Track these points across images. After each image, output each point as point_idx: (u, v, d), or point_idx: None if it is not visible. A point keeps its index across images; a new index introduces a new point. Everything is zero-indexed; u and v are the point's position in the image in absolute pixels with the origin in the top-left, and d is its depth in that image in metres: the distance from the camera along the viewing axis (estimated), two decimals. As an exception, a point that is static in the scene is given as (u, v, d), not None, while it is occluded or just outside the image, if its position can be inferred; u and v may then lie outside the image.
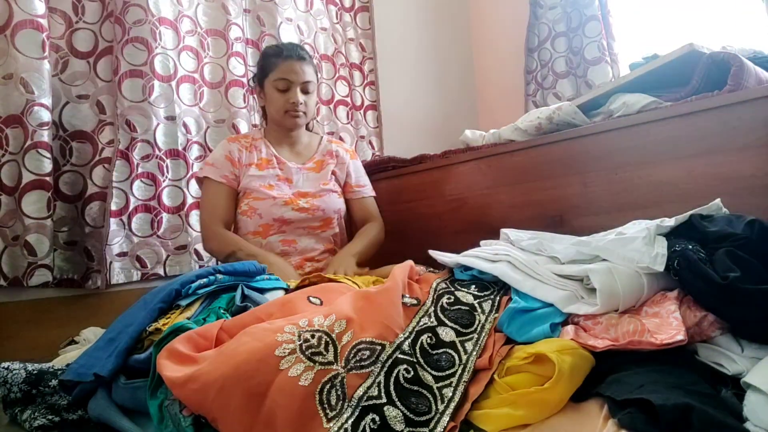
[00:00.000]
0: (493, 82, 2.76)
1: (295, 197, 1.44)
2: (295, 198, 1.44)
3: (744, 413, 0.56)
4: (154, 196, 1.65)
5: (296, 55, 1.43)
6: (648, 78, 1.28)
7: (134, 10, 1.60)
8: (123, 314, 0.95)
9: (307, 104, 1.46)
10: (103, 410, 0.79)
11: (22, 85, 1.38)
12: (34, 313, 1.45)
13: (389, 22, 2.46)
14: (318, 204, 1.46)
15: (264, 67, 1.46)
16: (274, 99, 1.44)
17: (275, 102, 1.44)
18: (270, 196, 1.41)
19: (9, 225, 1.39)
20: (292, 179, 1.48)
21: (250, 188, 1.42)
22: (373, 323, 0.74)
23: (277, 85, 1.42)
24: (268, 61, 1.45)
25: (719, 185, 1.06)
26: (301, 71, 1.42)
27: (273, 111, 1.46)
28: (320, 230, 1.47)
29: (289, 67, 1.41)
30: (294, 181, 1.48)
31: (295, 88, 1.42)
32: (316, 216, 1.46)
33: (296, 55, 1.43)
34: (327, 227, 1.49)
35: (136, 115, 1.61)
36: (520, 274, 0.85)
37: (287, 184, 1.46)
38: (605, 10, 2.25)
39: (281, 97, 1.43)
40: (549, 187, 1.35)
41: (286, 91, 1.42)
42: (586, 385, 0.65)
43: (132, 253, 1.61)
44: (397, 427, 0.60)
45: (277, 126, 1.50)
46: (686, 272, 0.71)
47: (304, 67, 1.43)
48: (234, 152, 1.46)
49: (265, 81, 1.46)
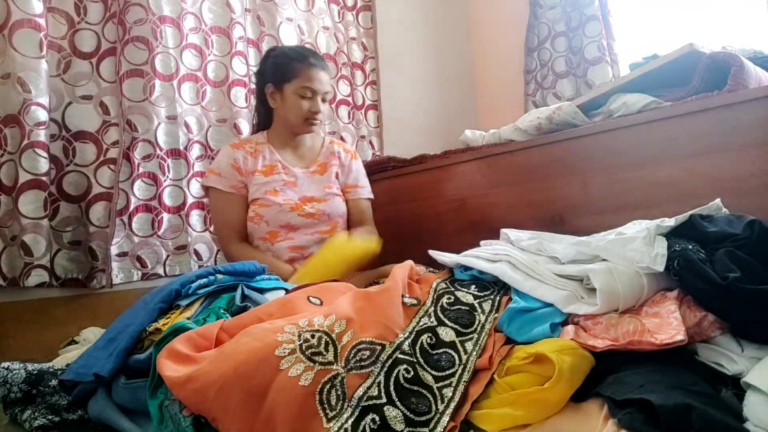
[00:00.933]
0: (493, 82, 2.76)
1: (301, 202, 1.44)
2: (300, 203, 1.44)
3: (744, 413, 0.56)
4: (155, 196, 1.65)
5: (321, 64, 1.45)
6: (648, 78, 1.28)
7: (135, 9, 1.60)
8: (123, 314, 0.95)
9: (324, 113, 1.48)
10: (103, 410, 0.79)
11: (19, 84, 1.38)
12: (34, 313, 1.45)
13: (391, 22, 2.46)
14: (323, 208, 1.46)
15: (286, 72, 1.43)
16: (294, 105, 1.43)
17: (296, 108, 1.43)
18: (276, 203, 1.41)
19: (7, 225, 1.39)
20: (297, 183, 1.48)
21: (257, 195, 1.42)
22: (373, 323, 0.74)
23: (302, 93, 1.42)
24: (291, 65, 1.43)
25: (719, 185, 1.06)
26: (326, 81, 1.44)
27: (292, 117, 1.45)
28: (327, 234, 1.47)
29: (316, 75, 1.42)
30: (299, 185, 1.48)
31: (317, 97, 1.44)
32: (322, 220, 1.46)
33: (321, 64, 1.45)
34: (333, 231, 1.49)
35: (137, 114, 1.61)
36: (520, 274, 0.85)
37: (293, 189, 1.46)
38: (605, 10, 2.25)
39: (303, 105, 1.42)
40: (549, 187, 1.35)
41: (308, 99, 1.43)
42: (586, 385, 0.65)
43: (132, 253, 1.61)
44: (397, 427, 0.60)
45: (289, 130, 1.49)
46: (686, 272, 0.71)
47: (327, 77, 1.46)
48: (239, 160, 1.44)
49: (285, 85, 1.43)
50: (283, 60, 1.46)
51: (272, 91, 1.47)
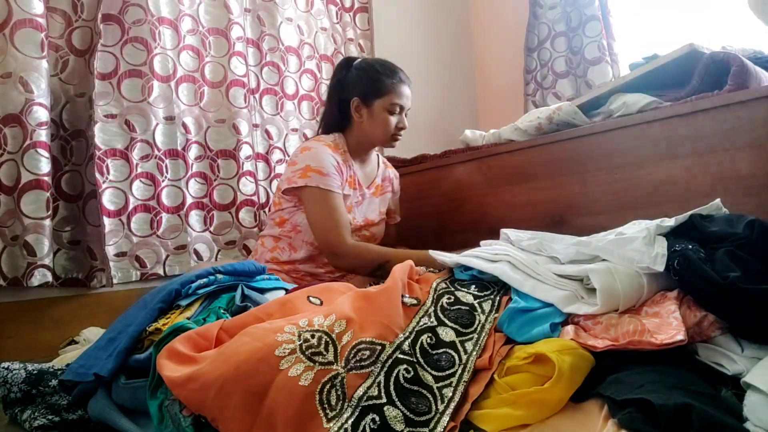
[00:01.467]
0: (493, 82, 2.76)
1: (363, 224, 1.48)
2: (363, 225, 1.48)
3: (744, 413, 0.56)
4: (154, 196, 1.65)
5: (408, 80, 1.46)
6: (648, 78, 1.28)
7: (133, 9, 1.60)
8: (123, 314, 0.95)
9: None
10: (103, 410, 0.79)
11: (21, 84, 1.38)
12: (34, 313, 1.45)
13: (388, 23, 2.46)
14: (375, 231, 1.51)
15: (377, 87, 1.42)
16: (383, 121, 1.42)
17: (384, 124, 1.43)
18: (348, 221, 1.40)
19: (8, 225, 1.39)
20: (363, 204, 1.50)
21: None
22: (373, 323, 0.74)
23: (392, 109, 1.42)
24: (381, 81, 1.42)
25: (719, 185, 1.06)
26: (410, 97, 1.47)
27: (379, 132, 1.44)
28: None
29: (405, 92, 1.44)
30: (363, 205, 1.50)
31: (403, 114, 1.46)
32: (370, 241, 1.49)
33: (408, 80, 1.46)
34: None
35: (135, 115, 1.61)
36: (520, 274, 0.85)
37: (359, 208, 1.48)
38: (605, 10, 2.25)
39: (391, 121, 1.43)
40: (549, 187, 1.35)
41: (397, 115, 1.44)
42: (586, 385, 0.65)
43: (131, 253, 1.60)
44: (397, 427, 0.60)
45: (369, 144, 1.49)
46: (686, 272, 0.71)
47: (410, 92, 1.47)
48: (340, 164, 1.42)
49: (376, 101, 1.42)
50: (372, 74, 1.44)
51: (358, 105, 1.44)
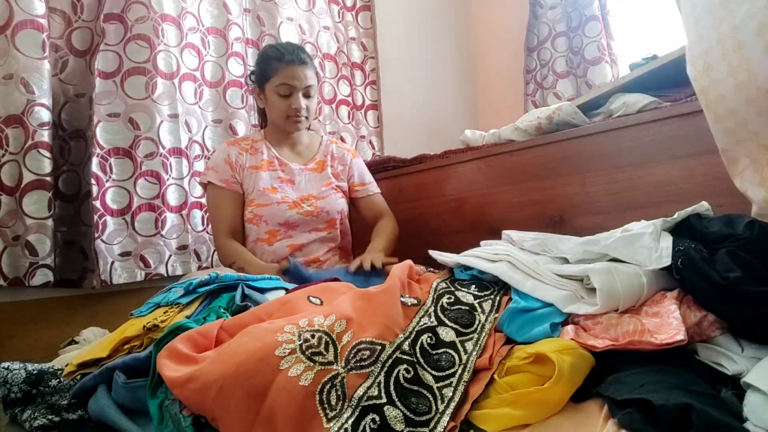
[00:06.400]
0: (493, 82, 2.76)
1: (300, 200, 1.45)
2: (299, 201, 1.44)
3: (744, 413, 0.56)
4: (158, 195, 1.64)
5: (298, 59, 1.41)
6: (648, 78, 1.27)
7: (136, 7, 1.60)
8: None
9: (309, 108, 1.45)
10: (103, 410, 0.79)
11: (22, 85, 1.38)
12: (34, 313, 1.45)
13: (390, 22, 2.47)
14: (321, 206, 1.46)
15: (265, 71, 1.43)
16: (275, 104, 1.42)
17: (277, 107, 1.43)
18: (274, 201, 1.41)
19: (9, 225, 1.39)
20: (295, 180, 1.48)
21: (254, 192, 1.42)
22: (373, 323, 0.74)
23: (279, 91, 1.40)
24: (269, 64, 1.42)
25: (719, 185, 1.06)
26: (304, 76, 1.40)
27: (275, 116, 1.45)
28: (325, 231, 1.47)
29: (292, 72, 1.39)
30: (297, 182, 1.48)
31: (297, 94, 1.41)
32: (321, 218, 1.46)
33: (298, 59, 1.41)
34: (331, 228, 1.48)
35: (139, 112, 1.60)
36: (520, 274, 0.85)
37: (290, 186, 1.46)
38: (605, 10, 2.25)
39: (283, 103, 1.41)
40: (549, 187, 1.35)
41: (288, 96, 1.41)
42: (586, 385, 0.65)
43: (136, 253, 1.59)
44: (397, 427, 0.60)
45: (277, 128, 1.50)
46: (688, 271, 0.71)
47: (306, 72, 1.41)
48: (233, 156, 1.45)
49: (266, 85, 1.43)
50: (263, 59, 1.46)
51: (257, 92, 1.48)
